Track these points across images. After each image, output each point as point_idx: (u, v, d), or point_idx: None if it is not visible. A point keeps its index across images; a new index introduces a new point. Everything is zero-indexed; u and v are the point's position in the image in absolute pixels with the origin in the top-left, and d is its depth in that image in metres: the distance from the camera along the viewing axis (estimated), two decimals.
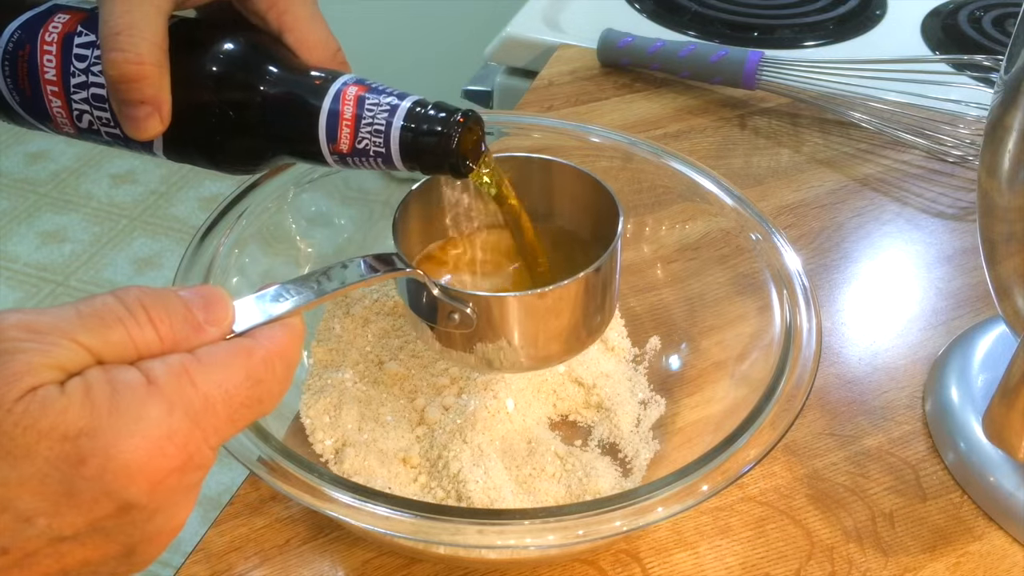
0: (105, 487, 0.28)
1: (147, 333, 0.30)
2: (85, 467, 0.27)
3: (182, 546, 0.47)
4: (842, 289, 0.65)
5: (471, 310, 0.43)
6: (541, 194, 0.50)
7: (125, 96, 0.39)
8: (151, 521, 0.29)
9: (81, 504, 0.28)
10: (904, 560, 0.49)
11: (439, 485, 0.49)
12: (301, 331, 0.35)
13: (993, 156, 0.46)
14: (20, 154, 2.21)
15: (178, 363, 0.30)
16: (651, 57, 0.83)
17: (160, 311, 0.31)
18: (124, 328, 0.30)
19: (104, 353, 0.29)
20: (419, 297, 0.45)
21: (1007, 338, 0.56)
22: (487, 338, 0.45)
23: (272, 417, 0.49)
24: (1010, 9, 0.96)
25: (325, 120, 0.40)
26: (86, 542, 0.29)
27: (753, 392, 0.45)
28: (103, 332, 0.29)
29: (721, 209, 0.55)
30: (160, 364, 0.30)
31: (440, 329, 0.45)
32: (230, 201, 0.53)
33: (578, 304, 0.45)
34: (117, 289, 0.31)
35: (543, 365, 0.50)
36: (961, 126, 0.76)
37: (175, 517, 0.31)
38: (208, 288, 0.33)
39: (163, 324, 0.30)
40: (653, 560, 0.49)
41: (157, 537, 0.30)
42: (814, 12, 0.95)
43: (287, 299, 0.35)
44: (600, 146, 0.58)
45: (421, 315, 0.46)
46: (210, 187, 2.15)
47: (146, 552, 0.30)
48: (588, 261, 0.45)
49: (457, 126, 0.40)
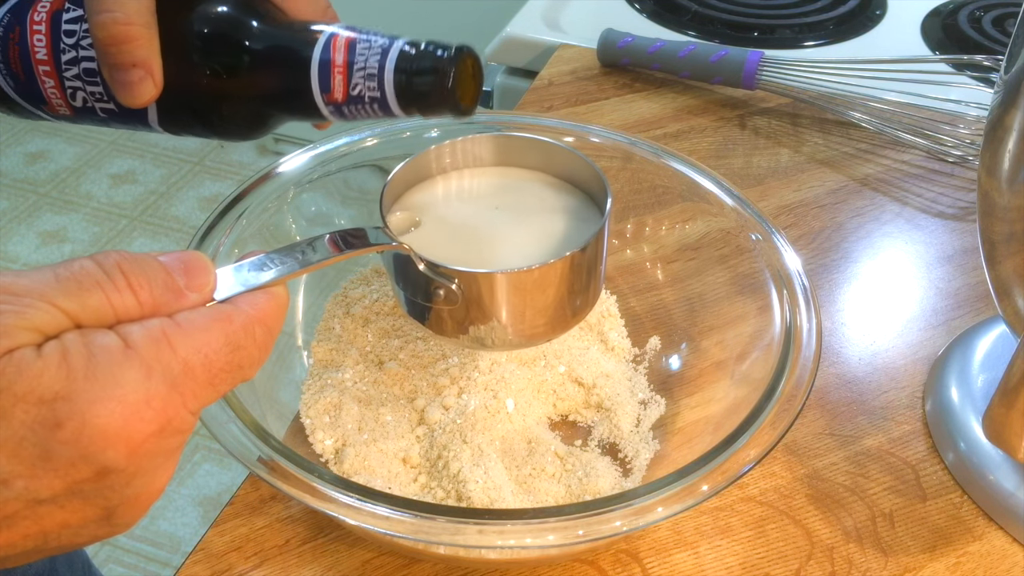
0: (82, 451, 0.28)
1: (126, 298, 0.30)
2: (62, 431, 0.27)
3: (182, 546, 0.47)
4: (842, 289, 0.65)
5: (456, 286, 0.43)
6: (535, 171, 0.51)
7: (116, 60, 0.38)
8: (130, 485, 0.29)
9: (58, 468, 0.28)
10: (904, 560, 0.49)
11: (439, 485, 0.49)
12: (284, 300, 0.34)
13: (993, 156, 0.46)
14: (20, 154, 2.21)
15: (157, 327, 0.30)
16: (651, 57, 0.83)
17: (140, 276, 0.30)
18: (103, 292, 0.29)
19: (82, 317, 0.29)
20: (404, 271, 0.45)
21: (1007, 338, 0.56)
22: (472, 313, 0.45)
23: (272, 417, 0.49)
24: (1010, 9, 0.96)
25: (317, 69, 0.39)
26: (64, 505, 0.28)
27: (753, 392, 0.45)
28: (81, 295, 0.29)
29: (721, 209, 0.55)
30: (139, 328, 0.29)
31: (423, 304, 0.45)
32: (230, 201, 0.53)
33: (564, 281, 0.45)
34: (97, 253, 0.30)
35: (529, 343, 0.49)
36: (961, 126, 0.76)
37: (155, 480, 0.30)
38: (190, 254, 0.33)
39: (143, 289, 0.30)
40: (653, 560, 0.49)
41: (136, 500, 0.30)
42: (814, 12, 0.95)
43: (270, 268, 0.35)
44: (600, 146, 0.58)
45: (406, 290, 0.46)
46: (210, 187, 2.15)
47: (126, 515, 0.30)
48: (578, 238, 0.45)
49: (452, 62, 0.39)
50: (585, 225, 0.48)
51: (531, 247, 0.47)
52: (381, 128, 0.58)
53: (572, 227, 0.48)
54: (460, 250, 0.46)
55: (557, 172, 0.51)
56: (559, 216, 0.49)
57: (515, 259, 0.46)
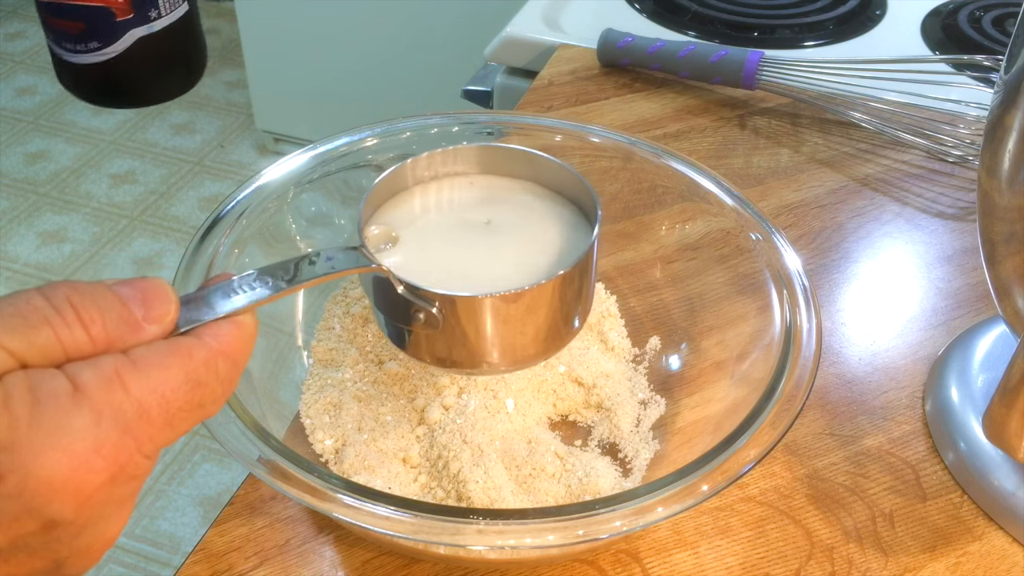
0: (26, 505, 0.26)
1: (76, 333, 0.28)
2: (4, 484, 0.26)
3: (182, 546, 0.47)
4: (842, 289, 0.65)
5: (437, 309, 0.42)
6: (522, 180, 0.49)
7: None
8: (80, 536, 0.28)
9: (1, 522, 0.26)
10: (904, 560, 0.49)
11: (439, 485, 0.49)
12: (251, 329, 0.32)
13: (993, 156, 0.46)
14: (20, 154, 2.21)
15: (109, 366, 0.28)
16: (651, 57, 0.83)
17: (91, 309, 0.28)
18: (51, 328, 0.27)
19: (28, 356, 0.27)
20: (384, 295, 0.43)
21: (1007, 338, 0.56)
22: (455, 338, 0.43)
23: (272, 417, 0.49)
24: (1010, 9, 0.96)
25: None
26: (9, 559, 0.27)
27: (753, 392, 0.45)
28: (27, 333, 0.27)
29: (721, 209, 0.55)
30: (88, 368, 0.27)
31: (403, 327, 0.43)
32: (230, 201, 0.53)
33: (554, 302, 0.44)
34: (45, 286, 0.28)
35: (515, 367, 0.48)
36: (961, 126, 0.77)
37: (107, 530, 0.29)
38: (149, 281, 0.31)
39: (94, 324, 0.28)
40: (653, 560, 0.49)
41: (88, 551, 0.29)
42: (814, 12, 0.95)
43: (239, 294, 0.32)
44: (600, 146, 0.58)
45: (385, 313, 0.44)
46: (210, 187, 2.15)
47: (77, 565, 0.29)
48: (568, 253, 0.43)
49: None
50: (575, 235, 0.46)
51: (518, 263, 0.45)
52: (381, 128, 0.58)
53: (562, 241, 0.46)
54: (442, 269, 0.44)
55: (545, 182, 0.49)
56: (547, 229, 0.47)
57: (500, 278, 0.43)
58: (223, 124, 2.34)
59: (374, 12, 1.83)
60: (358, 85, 1.95)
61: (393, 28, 1.84)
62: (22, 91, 2.41)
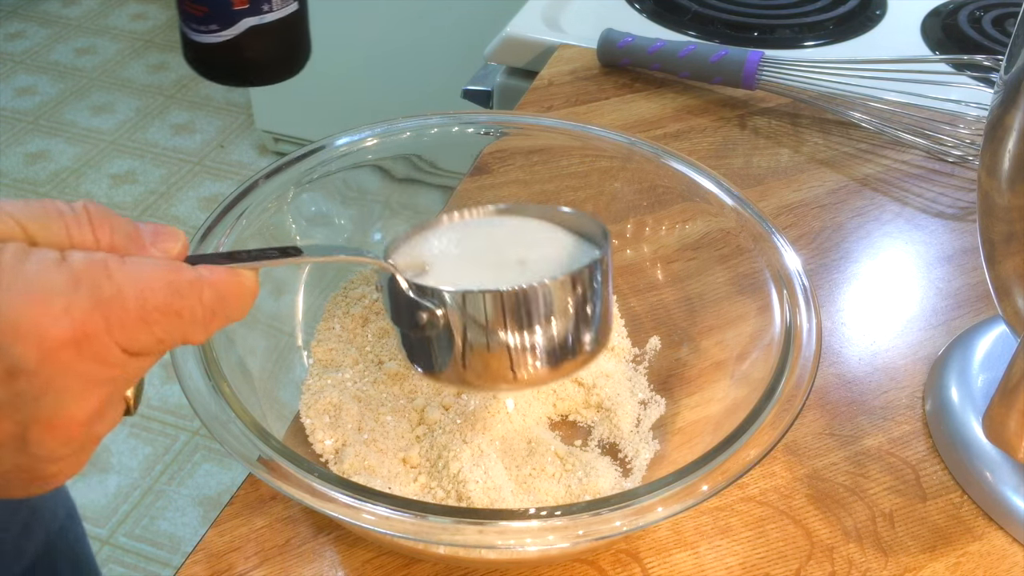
0: None
1: (84, 232, 0.30)
2: None
3: (182, 546, 0.47)
4: (842, 289, 0.65)
5: (442, 310, 0.42)
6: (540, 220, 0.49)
7: None
8: (40, 399, 0.29)
9: None
10: (904, 560, 0.49)
11: (439, 485, 0.49)
12: (248, 283, 0.33)
13: (993, 156, 0.46)
14: (20, 154, 2.21)
15: (100, 255, 0.30)
16: (651, 57, 0.83)
17: (104, 220, 0.31)
18: (63, 221, 0.30)
19: (38, 237, 0.29)
20: (396, 304, 0.43)
21: (1007, 338, 0.56)
22: (462, 344, 0.42)
23: (272, 417, 0.49)
24: (1010, 9, 0.96)
25: None
26: None
27: (753, 392, 0.45)
28: (43, 219, 0.30)
29: (721, 209, 0.55)
30: (81, 252, 0.29)
31: (412, 335, 0.43)
32: (230, 201, 0.53)
33: (564, 308, 0.43)
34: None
35: (521, 386, 0.46)
36: (961, 126, 0.77)
37: (68, 405, 0.29)
38: (165, 226, 0.33)
39: (102, 230, 0.30)
40: (653, 560, 0.49)
41: (49, 425, 0.29)
42: (814, 12, 0.95)
43: (245, 257, 0.34)
44: (600, 146, 0.58)
45: (399, 324, 0.44)
46: (210, 187, 2.15)
47: (41, 443, 0.29)
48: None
49: None
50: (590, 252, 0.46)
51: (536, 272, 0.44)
52: (381, 128, 0.58)
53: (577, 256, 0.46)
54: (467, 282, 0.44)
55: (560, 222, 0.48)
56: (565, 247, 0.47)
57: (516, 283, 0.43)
58: (223, 124, 2.34)
59: (374, 12, 1.83)
60: (358, 85, 1.95)
61: (393, 28, 1.84)
62: (22, 91, 2.41)
